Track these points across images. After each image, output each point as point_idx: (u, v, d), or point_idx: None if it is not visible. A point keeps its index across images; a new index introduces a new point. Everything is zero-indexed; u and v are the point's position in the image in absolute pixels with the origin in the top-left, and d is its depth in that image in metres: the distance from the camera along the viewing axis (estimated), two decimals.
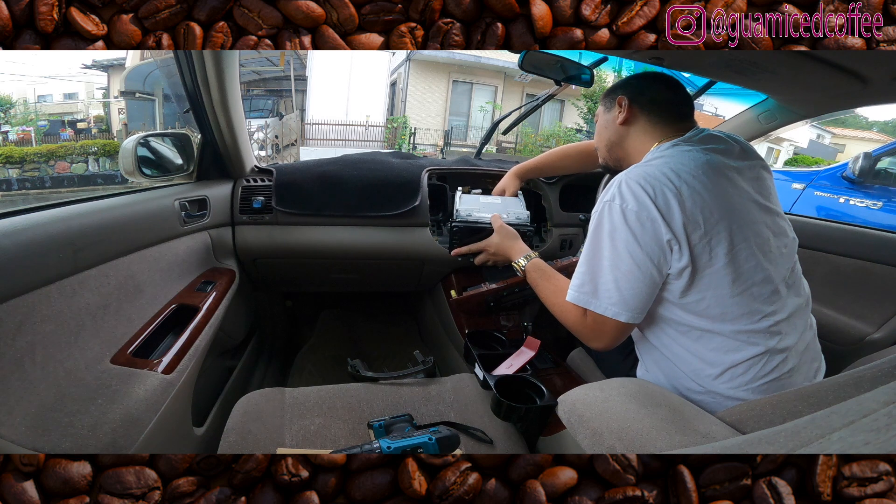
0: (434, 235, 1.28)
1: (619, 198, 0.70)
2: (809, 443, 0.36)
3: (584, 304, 0.74)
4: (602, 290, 0.72)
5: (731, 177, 0.74)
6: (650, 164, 0.73)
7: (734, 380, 0.71)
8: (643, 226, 0.68)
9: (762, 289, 0.71)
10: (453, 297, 1.23)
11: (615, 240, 0.70)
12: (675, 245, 0.68)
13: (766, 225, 0.74)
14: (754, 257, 0.70)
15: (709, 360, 0.72)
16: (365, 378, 0.97)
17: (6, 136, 9.17)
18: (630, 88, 0.84)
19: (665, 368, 0.79)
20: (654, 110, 0.82)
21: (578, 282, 0.75)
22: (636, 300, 0.71)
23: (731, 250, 0.69)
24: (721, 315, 0.70)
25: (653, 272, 0.69)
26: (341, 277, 1.41)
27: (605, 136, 0.89)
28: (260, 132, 8.84)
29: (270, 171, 1.25)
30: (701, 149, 0.75)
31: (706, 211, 0.68)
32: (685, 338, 0.74)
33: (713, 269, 0.69)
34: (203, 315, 0.91)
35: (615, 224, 0.70)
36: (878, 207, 2.99)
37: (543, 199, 1.41)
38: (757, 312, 0.70)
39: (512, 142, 11.35)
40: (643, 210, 0.68)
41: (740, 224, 0.70)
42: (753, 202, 0.74)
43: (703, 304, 0.71)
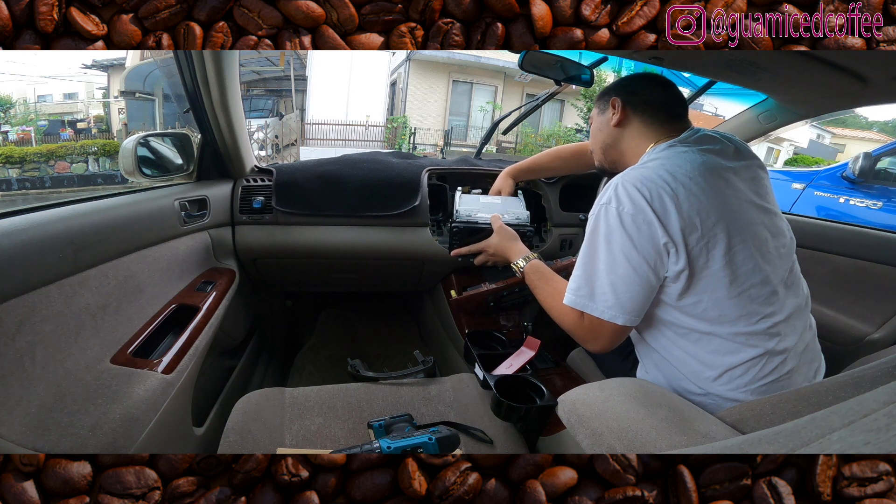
0: (434, 235, 1.28)
1: (615, 201, 0.70)
2: (809, 443, 0.36)
3: (580, 308, 0.74)
4: (598, 294, 0.72)
5: (728, 177, 0.74)
6: (646, 167, 0.73)
7: (733, 381, 0.71)
8: (639, 229, 0.68)
9: (760, 290, 0.71)
10: (453, 296, 1.23)
11: (611, 243, 0.70)
12: (671, 248, 0.68)
13: (763, 225, 0.74)
14: (752, 259, 0.70)
15: (707, 363, 0.72)
16: (365, 378, 0.97)
17: (6, 136, 9.18)
18: (623, 90, 0.84)
19: (664, 370, 0.79)
20: (648, 111, 0.81)
21: (575, 285, 0.75)
22: (633, 303, 0.71)
23: (729, 252, 0.69)
24: (719, 317, 0.70)
25: (649, 275, 0.69)
26: (341, 277, 1.41)
27: (599, 139, 0.89)
28: (260, 132, 8.84)
29: (270, 171, 1.25)
30: (697, 149, 0.75)
31: (703, 213, 0.68)
32: (684, 340, 0.74)
33: (710, 272, 0.69)
34: (203, 315, 0.91)
35: (611, 227, 0.70)
36: (878, 207, 2.99)
37: (543, 199, 1.41)
38: (755, 314, 0.70)
39: (512, 142, 11.35)
40: (639, 213, 0.68)
41: (737, 225, 0.70)
42: (750, 203, 0.74)
43: (701, 306, 0.70)
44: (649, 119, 0.81)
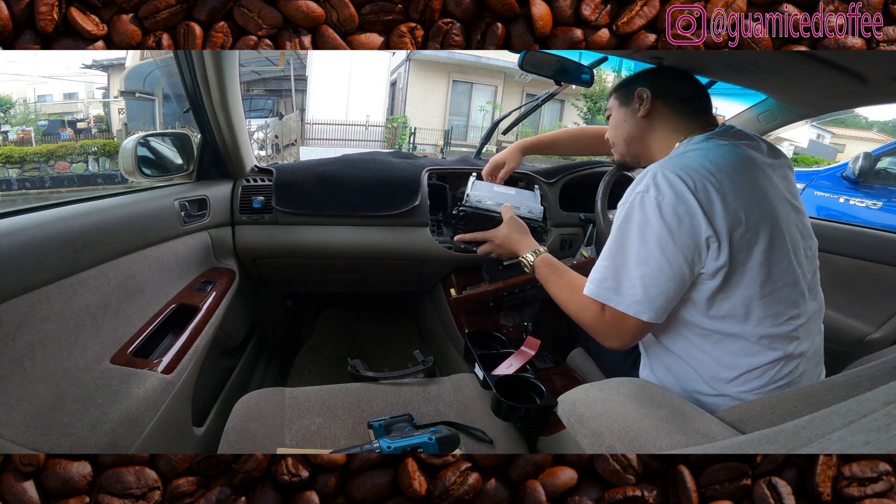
0: (434, 235, 1.28)
1: (653, 189, 0.65)
2: (809, 443, 0.36)
3: (604, 300, 0.70)
4: (626, 287, 0.68)
5: (769, 174, 0.72)
6: (686, 156, 0.70)
7: (748, 383, 0.69)
8: (680, 220, 0.64)
9: (790, 291, 0.68)
10: (453, 295, 1.23)
11: (646, 234, 0.66)
12: (713, 243, 0.64)
13: (796, 225, 0.72)
14: (787, 258, 0.68)
15: (727, 364, 0.70)
16: (365, 378, 0.97)
17: (6, 135, 9.18)
18: (651, 81, 0.80)
19: (676, 371, 0.76)
20: (678, 104, 0.79)
21: (600, 276, 0.71)
22: (662, 298, 0.67)
23: (768, 250, 0.66)
24: (746, 316, 0.68)
25: (684, 270, 0.65)
26: (341, 277, 1.41)
27: (623, 130, 0.84)
28: (260, 132, 8.85)
29: (270, 171, 1.25)
30: (737, 143, 0.73)
31: (748, 208, 0.65)
32: (704, 341, 0.71)
33: (747, 269, 0.66)
34: (203, 315, 0.91)
35: (648, 217, 0.65)
36: (878, 207, 3.00)
37: (543, 199, 1.41)
38: (781, 315, 0.68)
39: (512, 141, 11.32)
40: (681, 204, 0.64)
41: (776, 223, 0.68)
42: (787, 201, 0.73)
43: (729, 304, 0.68)
44: (680, 111, 0.79)
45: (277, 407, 0.85)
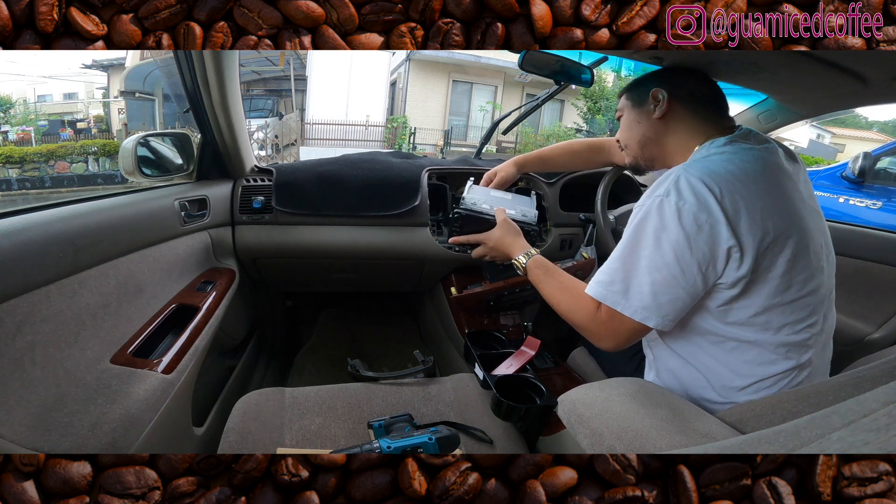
0: (434, 235, 1.28)
1: (675, 194, 0.63)
2: (809, 443, 0.36)
3: (609, 304, 0.68)
4: (634, 292, 0.66)
5: (794, 180, 0.70)
6: (710, 160, 0.67)
7: (759, 392, 0.68)
8: (700, 228, 0.61)
9: (810, 299, 0.67)
10: (453, 294, 1.23)
11: (661, 240, 0.63)
12: (735, 253, 0.62)
13: (821, 231, 0.71)
14: (809, 267, 0.66)
15: (740, 372, 0.68)
16: (365, 378, 0.97)
17: (6, 136, 9.19)
18: (667, 81, 0.78)
19: (685, 377, 0.74)
20: (696, 105, 0.76)
21: (607, 279, 0.68)
22: (671, 307, 0.65)
23: (792, 259, 0.64)
24: (764, 325, 0.66)
25: (697, 280, 0.63)
26: (341, 277, 1.41)
27: (637, 132, 0.81)
28: (260, 132, 8.85)
29: (270, 171, 1.25)
30: (762, 148, 0.70)
31: (776, 216, 0.63)
32: (717, 348, 0.69)
33: (769, 277, 0.64)
34: (203, 315, 0.91)
35: (666, 223, 0.63)
36: (877, 207, 3.00)
37: (543, 199, 1.41)
38: (800, 322, 0.67)
39: (512, 142, 11.35)
40: (703, 211, 0.61)
41: (803, 231, 0.66)
42: (811, 207, 0.71)
43: (746, 313, 0.66)
44: (698, 113, 0.76)
45: (277, 407, 0.85)
